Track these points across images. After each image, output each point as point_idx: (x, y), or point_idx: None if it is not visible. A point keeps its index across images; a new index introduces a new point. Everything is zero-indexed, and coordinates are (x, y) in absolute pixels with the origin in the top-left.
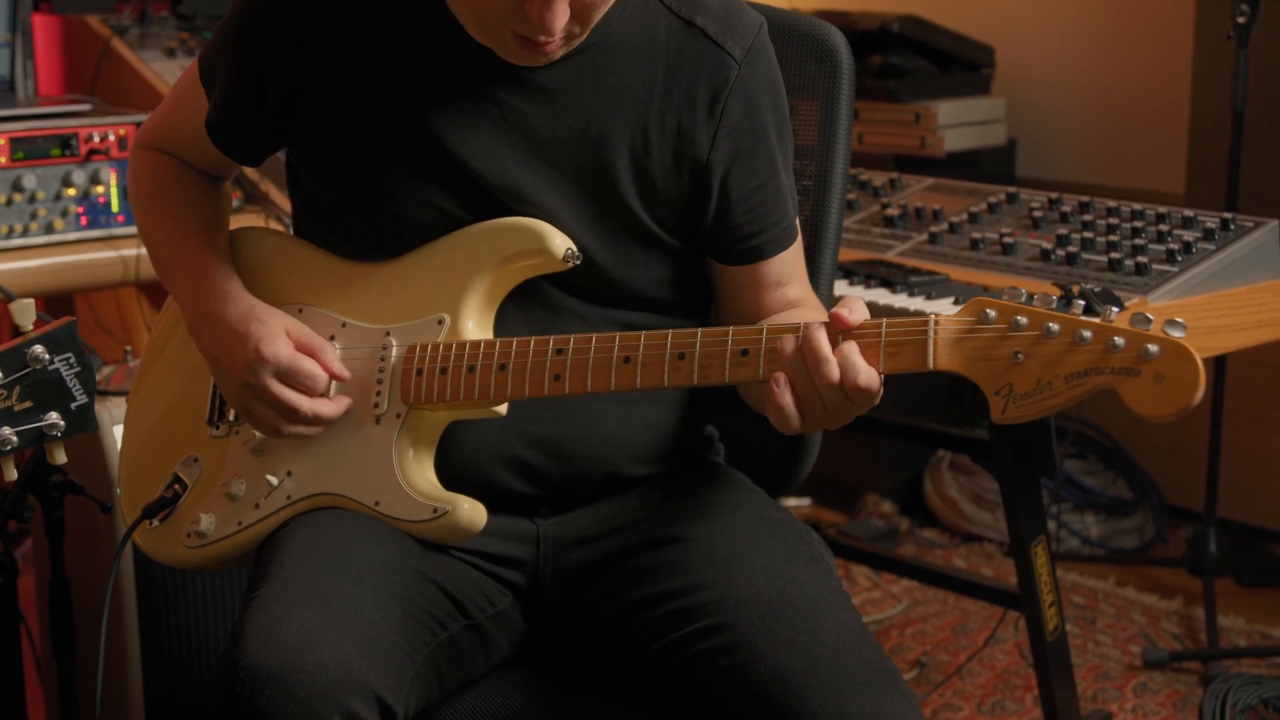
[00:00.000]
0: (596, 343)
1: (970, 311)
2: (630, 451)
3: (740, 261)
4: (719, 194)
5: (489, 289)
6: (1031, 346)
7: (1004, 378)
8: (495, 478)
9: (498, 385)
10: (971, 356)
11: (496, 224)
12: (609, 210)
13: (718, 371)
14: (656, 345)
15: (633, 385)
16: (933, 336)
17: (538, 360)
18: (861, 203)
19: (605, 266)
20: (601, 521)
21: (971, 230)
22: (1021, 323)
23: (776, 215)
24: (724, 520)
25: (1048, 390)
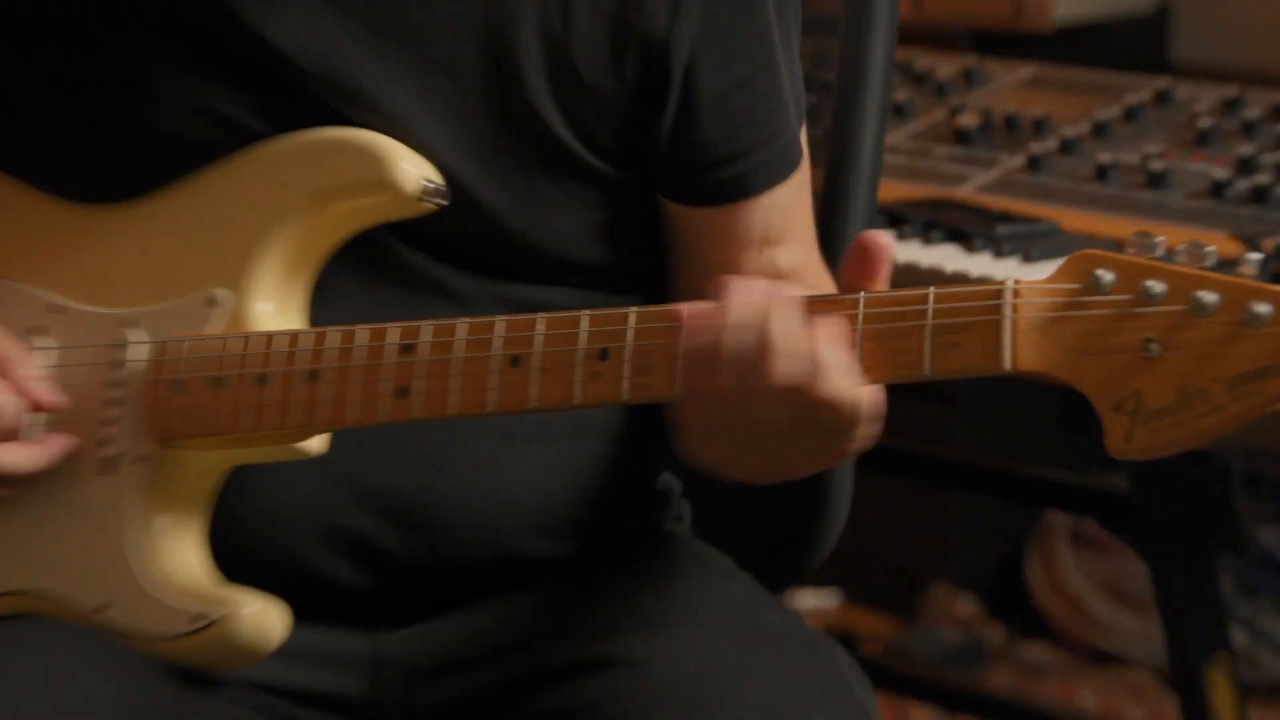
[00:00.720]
0: (467, 332)
1: (1070, 273)
2: (533, 517)
3: (708, 201)
4: (681, 92)
5: (296, 247)
6: (1173, 330)
7: (1127, 383)
8: (306, 562)
9: (309, 406)
10: (1074, 349)
11: (309, 140)
12: (504, 120)
13: (663, 380)
14: (565, 335)
15: (524, 404)
16: (1010, 316)
17: (372, 363)
18: (918, 106)
19: (496, 210)
20: (484, 635)
21: (1097, 150)
22: (1156, 291)
23: (769, 129)
24: (690, 631)
25: (1200, 402)
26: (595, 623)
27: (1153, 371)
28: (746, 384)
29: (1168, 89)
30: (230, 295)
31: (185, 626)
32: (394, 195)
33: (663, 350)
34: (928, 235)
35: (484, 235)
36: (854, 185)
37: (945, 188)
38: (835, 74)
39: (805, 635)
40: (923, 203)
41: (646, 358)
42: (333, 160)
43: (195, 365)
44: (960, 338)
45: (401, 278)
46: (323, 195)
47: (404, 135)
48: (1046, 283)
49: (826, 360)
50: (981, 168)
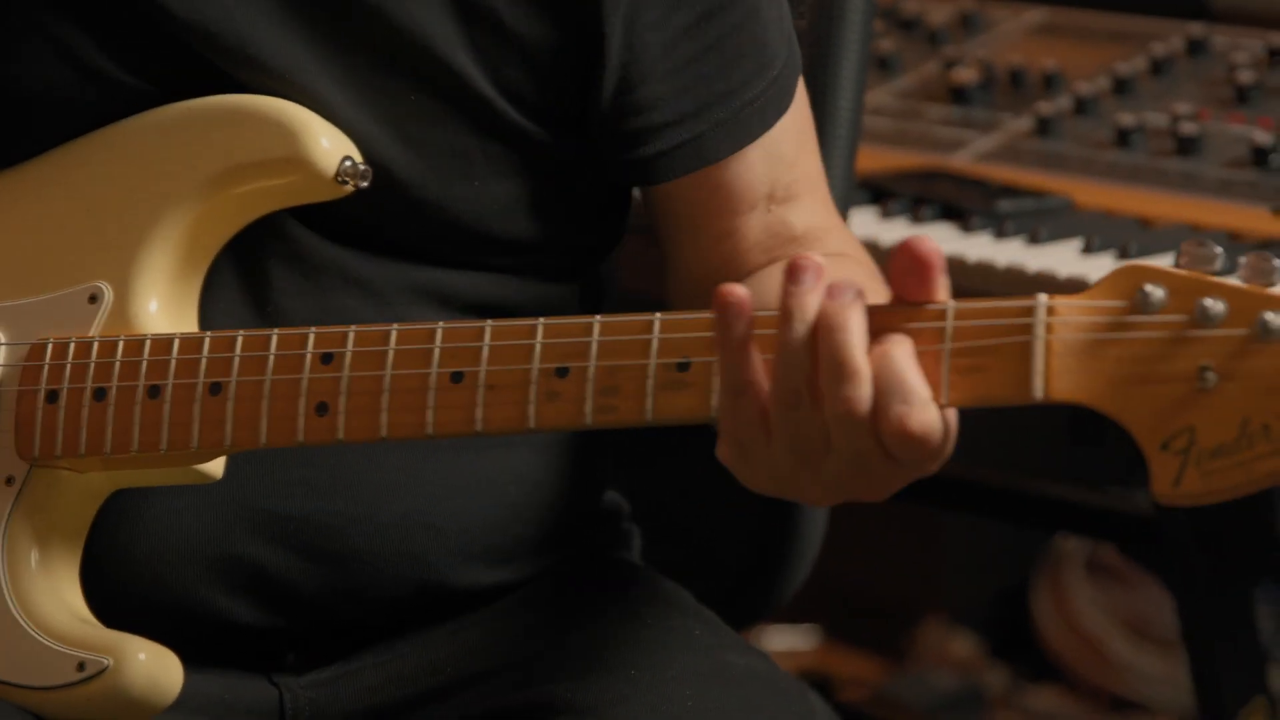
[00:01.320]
0: (399, 339)
1: (1114, 288)
2: (456, 542)
3: (666, 172)
4: (624, 45)
5: (191, 236)
6: (1234, 358)
7: (1179, 418)
8: (198, 599)
9: (206, 424)
10: (1117, 377)
11: (207, 109)
12: (412, 74)
13: (632, 403)
14: (517, 347)
15: (470, 427)
16: (1042, 337)
17: (285, 376)
18: (906, 59)
19: (407, 178)
20: (405, 679)
21: (1118, 110)
22: (1215, 312)
23: (732, 79)
24: (644, 674)
25: (1263, 441)
26: (535, 665)
27: (1209, 405)
28: (800, 402)
29: (1202, 37)
30: (109, 290)
31: (70, 676)
32: (308, 176)
33: (632, 367)
34: (917, 212)
35: (394, 209)
36: (829, 153)
37: (938, 155)
38: (806, 19)
39: (775, 679)
40: (911, 174)
41: (613, 376)
42: (236, 135)
43: (75, 373)
44: (984, 361)
45: (296, 262)
46: (224, 176)
47: (298, 95)
48: (1086, 298)
49: (909, 386)
50: (981, 131)
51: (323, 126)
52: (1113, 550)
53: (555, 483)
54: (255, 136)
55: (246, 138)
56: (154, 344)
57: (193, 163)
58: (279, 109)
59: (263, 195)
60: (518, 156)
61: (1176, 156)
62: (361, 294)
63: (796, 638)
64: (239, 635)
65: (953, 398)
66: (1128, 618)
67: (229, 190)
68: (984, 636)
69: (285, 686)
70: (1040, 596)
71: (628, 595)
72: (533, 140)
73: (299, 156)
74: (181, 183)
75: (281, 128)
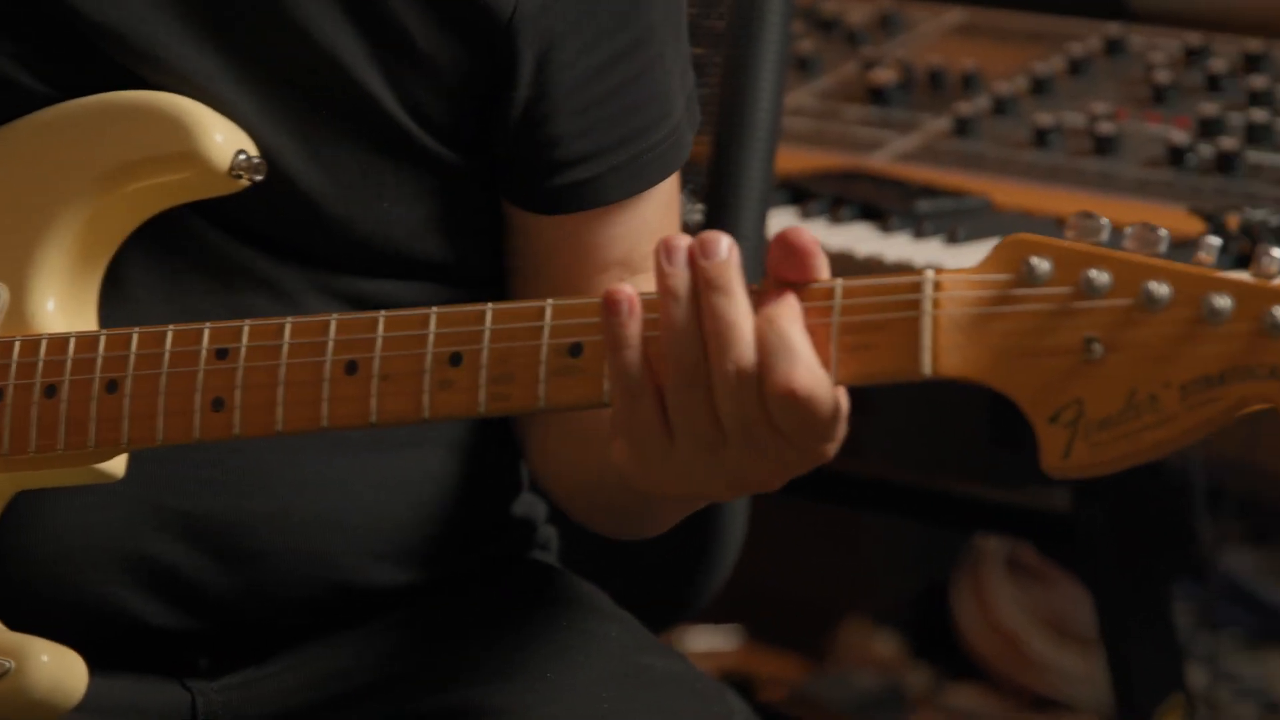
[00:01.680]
0: (293, 333)
1: (1000, 262)
2: (368, 541)
3: (554, 207)
4: (534, 81)
5: (86, 234)
6: (1118, 328)
7: (1066, 390)
8: (105, 600)
9: (102, 422)
10: (1004, 350)
11: (100, 105)
12: (321, 91)
13: (525, 390)
14: (410, 337)
15: (365, 419)
16: (930, 312)
17: (181, 371)
18: (825, 59)
19: (316, 195)
20: (319, 682)
21: (1036, 110)
22: (1099, 283)
23: (634, 123)
24: (560, 677)
25: (1150, 412)
26: (450, 667)
27: (1095, 376)
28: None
29: (1120, 37)
30: (10, 290)
31: None
32: (202, 171)
33: (525, 353)
34: (836, 213)
35: (304, 222)
36: (748, 154)
37: (857, 156)
38: (725, 20)
39: (694, 681)
40: (830, 175)
41: (506, 363)
42: (129, 130)
43: None
44: (873, 338)
45: (208, 265)
46: (118, 172)
47: (208, 101)
48: (972, 273)
49: (794, 347)
50: (900, 132)
51: (216, 121)
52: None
53: (470, 483)
54: (149, 132)
55: (140, 133)
56: (50, 343)
57: (87, 160)
58: (173, 104)
59: (158, 191)
60: (428, 178)
61: (1094, 156)
62: (272, 295)
63: (718, 638)
64: (149, 637)
65: (842, 375)
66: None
67: (124, 186)
68: (905, 636)
69: (197, 690)
70: (961, 595)
71: (544, 598)
72: (443, 163)
73: (193, 151)
74: (76, 180)
75: (175, 123)
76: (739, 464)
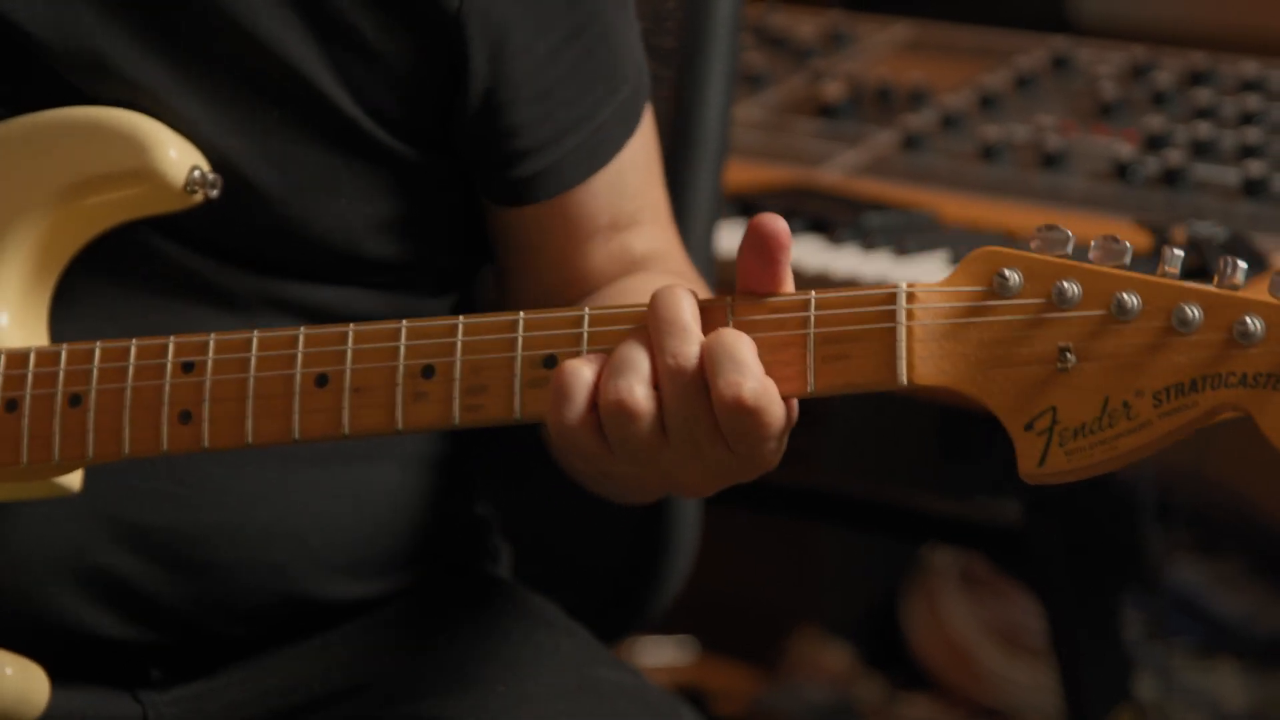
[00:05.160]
0: (260, 345)
1: (971, 274)
2: (320, 553)
3: (524, 198)
4: (489, 73)
5: (40, 249)
6: (1091, 338)
7: (1041, 398)
8: (58, 611)
9: (67, 437)
10: (979, 360)
11: (53, 121)
12: (277, 93)
13: (499, 401)
14: (381, 350)
15: (338, 430)
16: (904, 324)
17: (146, 385)
18: (774, 74)
19: (270, 196)
20: (271, 694)
21: (984, 124)
22: (1071, 294)
23: (590, 100)
24: (512, 690)
25: (1124, 419)
26: (400, 681)
27: (1069, 385)
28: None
29: (1066, 52)
30: None
31: None
32: (157, 187)
33: (498, 365)
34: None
35: (258, 225)
36: (697, 168)
37: (806, 169)
38: (674, 36)
39: (646, 694)
40: (779, 192)
41: (478, 374)
42: (83, 146)
43: None
44: (848, 349)
45: (157, 276)
46: (73, 188)
47: (159, 112)
48: (945, 285)
49: (741, 359)
50: (848, 146)
51: (170, 137)
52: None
53: (422, 496)
54: (103, 148)
55: (94, 150)
56: (9, 358)
57: (41, 176)
58: (127, 121)
59: (112, 206)
60: (386, 176)
61: (1041, 170)
62: (224, 307)
63: (672, 650)
64: (101, 649)
65: (819, 385)
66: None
67: (78, 202)
68: (857, 647)
69: (149, 703)
70: (912, 607)
71: (495, 610)
72: (401, 160)
73: (147, 168)
74: (30, 196)
75: (129, 140)
76: (673, 467)
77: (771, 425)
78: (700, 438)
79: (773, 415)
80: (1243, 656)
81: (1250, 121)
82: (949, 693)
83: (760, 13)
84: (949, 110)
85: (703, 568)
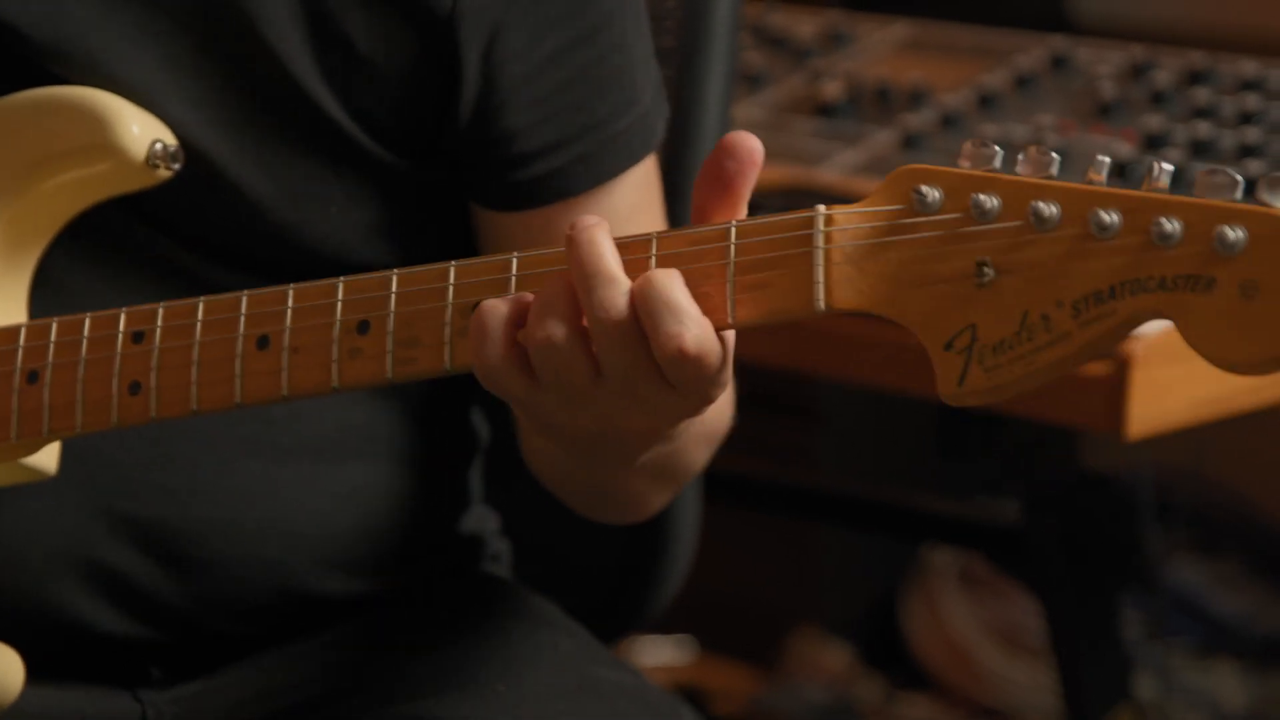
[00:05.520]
0: (206, 310)
1: (891, 193)
2: (316, 549)
3: (520, 204)
4: (481, 71)
5: (12, 231)
6: (1009, 251)
7: (960, 316)
8: (53, 604)
9: (25, 413)
10: (896, 280)
11: (17, 103)
12: (261, 94)
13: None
14: (318, 307)
15: (276, 392)
16: (821, 247)
17: (99, 357)
18: (773, 74)
19: (259, 201)
20: (269, 693)
21: (983, 123)
22: (988, 207)
23: (596, 112)
24: (511, 690)
25: (1043, 332)
26: (402, 679)
27: (988, 300)
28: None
29: (1065, 52)
30: None
31: None
32: (119, 163)
33: (429, 315)
34: None
35: (251, 231)
36: (695, 168)
37: (805, 168)
38: (673, 36)
39: (645, 694)
40: (778, 190)
41: (411, 326)
42: (45, 124)
43: None
44: (767, 277)
45: (153, 274)
46: (37, 167)
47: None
48: (863, 206)
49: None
50: (847, 145)
51: (133, 112)
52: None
53: (420, 495)
54: (65, 126)
55: (57, 128)
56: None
57: (5, 156)
58: (88, 97)
59: (79, 185)
60: (376, 185)
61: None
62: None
63: (672, 649)
64: (99, 646)
65: (740, 315)
66: (998, 627)
67: (43, 182)
68: (856, 646)
69: (149, 702)
70: (912, 607)
71: (495, 610)
72: (391, 169)
73: (108, 143)
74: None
75: (90, 115)
76: (612, 410)
77: (714, 365)
78: (638, 380)
79: (715, 355)
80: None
81: (1249, 121)
82: (948, 692)
83: (759, 12)
84: (948, 110)
85: (702, 567)
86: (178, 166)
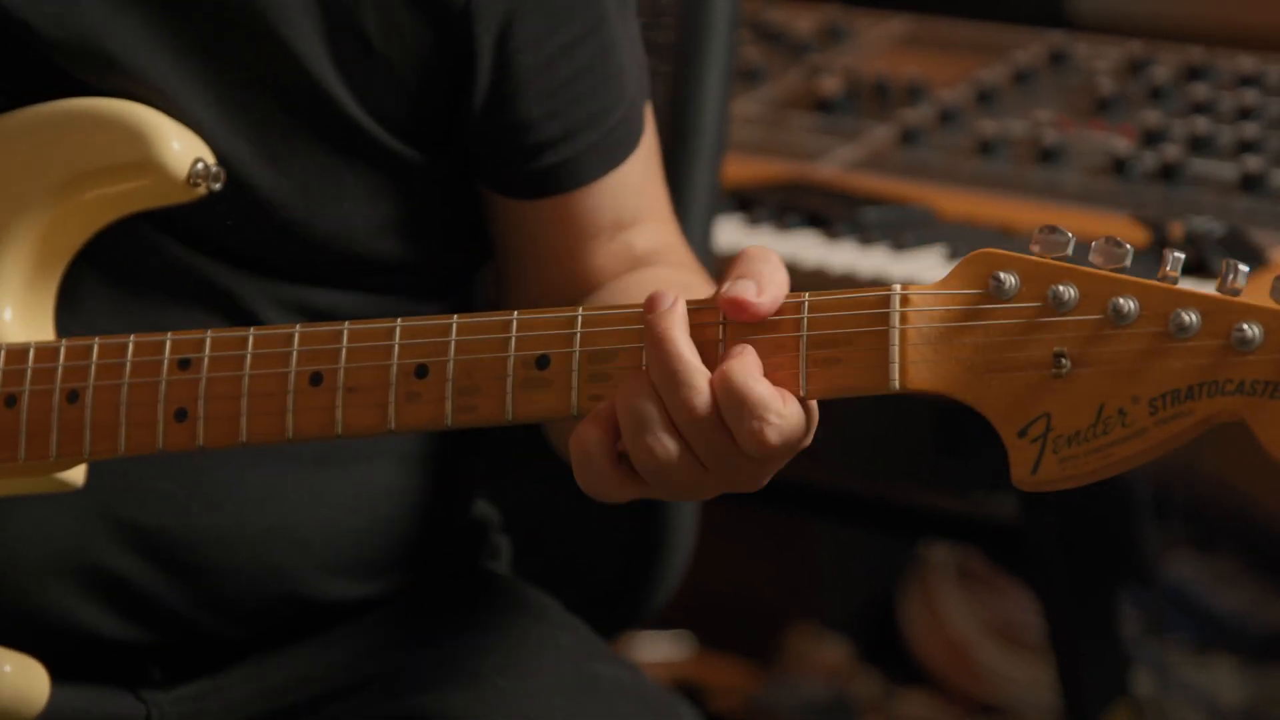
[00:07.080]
0: (256, 343)
1: (967, 277)
2: (321, 554)
3: (537, 192)
4: (494, 64)
5: (43, 243)
6: (1087, 344)
7: (1035, 404)
8: (59, 610)
9: (64, 433)
10: (973, 365)
11: (55, 113)
12: (278, 91)
13: (492, 402)
14: (376, 349)
15: (330, 430)
16: (897, 327)
17: (143, 381)
18: (772, 69)
19: (274, 198)
20: (273, 693)
21: (981, 119)
22: (1067, 298)
23: (600, 103)
24: (511, 685)
25: (1119, 426)
26: (402, 677)
27: (1064, 391)
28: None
29: (1063, 47)
30: None
31: None
32: (160, 179)
33: (491, 365)
34: (782, 220)
35: (261, 227)
36: (695, 163)
37: (803, 164)
38: (672, 30)
39: (644, 690)
40: (775, 186)
41: (471, 375)
42: (87, 139)
43: None
44: (840, 353)
45: (161, 276)
46: (74, 181)
47: (164, 109)
48: (939, 288)
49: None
50: (846, 140)
51: (173, 129)
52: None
53: (421, 496)
54: (106, 141)
55: (97, 142)
56: (9, 353)
57: (43, 168)
58: (130, 112)
59: (116, 199)
60: (389, 178)
61: (1038, 165)
62: (229, 308)
63: (670, 645)
64: (102, 648)
65: (811, 389)
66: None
67: (81, 195)
68: (855, 643)
69: (152, 702)
70: (910, 603)
71: (495, 606)
72: (404, 162)
73: (150, 160)
74: (32, 189)
75: (132, 131)
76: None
77: (799, 440)
78: (738, 460)
79: (799, 434)
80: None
81: (1247, 117)
82: (946, 689)
83: (757, 8)
84: (946, 105)
85: (700, 564)
86: (218, 186)
